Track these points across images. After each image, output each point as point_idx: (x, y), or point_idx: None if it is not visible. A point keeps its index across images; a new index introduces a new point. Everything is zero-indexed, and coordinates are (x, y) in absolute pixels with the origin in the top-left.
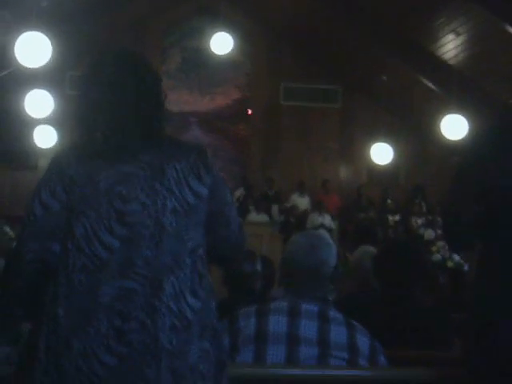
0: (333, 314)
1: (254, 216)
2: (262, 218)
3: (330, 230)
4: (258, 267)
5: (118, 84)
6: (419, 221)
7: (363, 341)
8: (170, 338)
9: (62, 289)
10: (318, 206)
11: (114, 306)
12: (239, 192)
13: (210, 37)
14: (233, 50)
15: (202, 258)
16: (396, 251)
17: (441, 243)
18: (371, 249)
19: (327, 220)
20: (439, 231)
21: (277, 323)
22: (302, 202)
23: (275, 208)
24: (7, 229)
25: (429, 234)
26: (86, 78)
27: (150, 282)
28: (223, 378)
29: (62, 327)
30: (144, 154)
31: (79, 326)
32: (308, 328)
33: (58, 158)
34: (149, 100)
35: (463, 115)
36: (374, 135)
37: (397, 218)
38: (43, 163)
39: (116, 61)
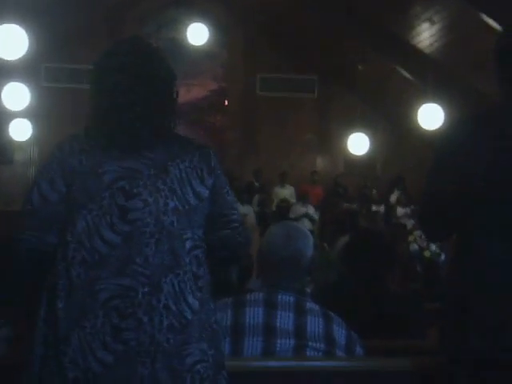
0: (309, 305)
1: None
2: (246, 209)
3: (313, 220)
4: None
5: (132, 74)
6: (401, 211)
7: (340, 331)
8: (168, 338)
9: (60, 281)
10: (302, 196)
11: (111, 303)
12: None
13: (185, 27)
14: (209, 40)
15: (199, 258)
16: (366, 240)
17: (418, 232)
18: None
19: (311, 210)
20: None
21: (253, 315)
22: (284, 192)
23: (255, 199)
24: None
25: (409, 224)
26: (99, 67)
27: (148, 281)
28: (221, 380)
29: (61, 320)
30: (150, 150)
31: (76, 321)
32: (284, 319)
33: (62, 145)
34: (162, 95)
35: (439, 104)
36: (351, 125)
37: (381, 208)
38: (19, 157)
39: (131, 50)
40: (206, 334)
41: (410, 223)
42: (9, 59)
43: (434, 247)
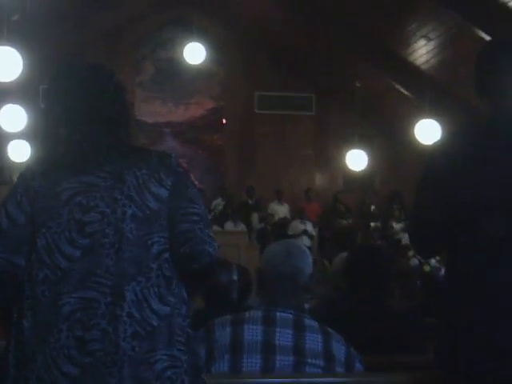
0: (308, 321)
1: (231, 225)
2: (240, 227)
3: (311, 237)
4: (235, 277)
5: (74, 94)
6: (397, 226)
7: (339, 348)
8: (133, 346)
9: (27, 301)
10: (299, 213)
11: (74, 316)
12: (218, 202)
13: (182, 47)
14: (206, 59)
15: (169, 261)
16: (365, 256)
17: None
18: None
19: (309, 227)
20: None
21: (252, 332)
22: (281, 209)
23: (255, 216)
24: None
25: (406, 239)
26: (46, 92)
27: (110, 291)
28: None
29: (27, 339)
30: (106, 163)
31: (42, 338)
32: (283, 336)
33: (24, 172)
34: (110, 109)
35: (436, 120)
36: (349, 142)
37: (379, 224)
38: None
39: (71, 72)
40: (177, 339)
41: (405, 238)
42: (3, 81)
43: (433, 261)
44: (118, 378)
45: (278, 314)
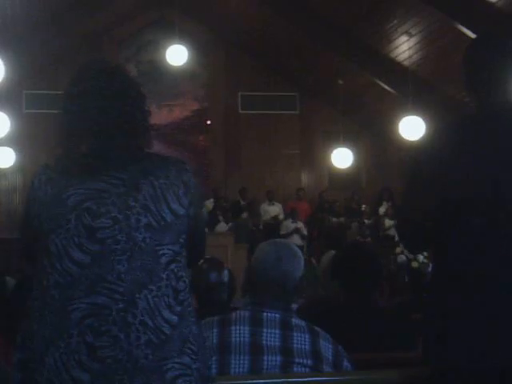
0: (295, 321)
1: (223, 226)
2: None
3: (303, 236)
4: (225, 278)
5: (99, 97)
6: (389, 223)
7: (327, 347)
8: (146, 353)
9: (37, 304)
10: (291, 213)
11: (85, 322)
12: (209, 203)
13: (165, 49)
14: (189, 61)
15: (175, 272)
16: (352, 253)
17: None
18: None
19: (300, 226)
20: None
21: (239, 333)
22: (273, 209)
23: (245, 216)
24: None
25: (394, 235)
26: (67, 94)
27: (122, 297)
28: None
29: (36, 342)
30: (121, 171)
31: (51, 341)
32: (270, 336)
33: (33, 179)
34: (131, 114)
35: (420, 116)
36: (334, 140)
37: (370, 221)
38: (2, 185)
39: (97, 74)
40: (189, 348)
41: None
42: None
43: (421, 258)
44: None
45: (265, 314)
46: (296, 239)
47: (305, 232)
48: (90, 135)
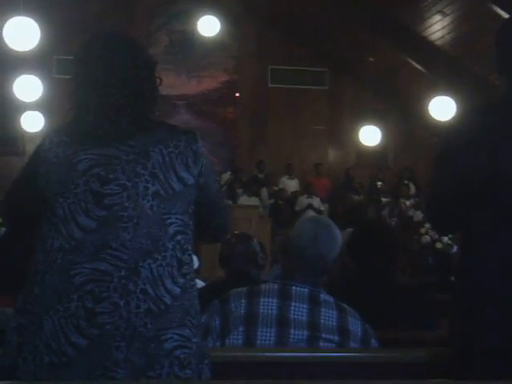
0: (323, 296)
1: (245, 199)
2: (253, 200)
3: (318, 212)
4: (257, 249)
5: (108, 64)
6: (408, 202)
7: (355, 323)
8: (145, 322)
9: (39, 267)
10: (306, 188)
11: (86, 287)
12: (226, 176)
13: (197, 19)
14: (220, 32)
15: (182, 245)
16: (369, 231)
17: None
18: None
19: (316, 202)
20: None
21: (267, 305)
22: (291, 184)
23: (264, 191)
24: None
25: (418, 215)
26: (77, 60)
27: (125, 265)
28: (205, 369)
29: (37, 305)
30: (130, 137)
31: (51, 305)
32: (298, 310)
33: (42, 141)
34: (140, 82)
35: (451, 96)
36: (362, 117)
37: (390, 200)
38: (30, 148)
39: (106, 42)
40: (190, 321)
41: (416, 215)
42: (20, 51)
43: (445, 239)
44: (125, 353)
45: (293, 288)
46: (310, 215)
47: (321, 208)
48: (96, 102)
